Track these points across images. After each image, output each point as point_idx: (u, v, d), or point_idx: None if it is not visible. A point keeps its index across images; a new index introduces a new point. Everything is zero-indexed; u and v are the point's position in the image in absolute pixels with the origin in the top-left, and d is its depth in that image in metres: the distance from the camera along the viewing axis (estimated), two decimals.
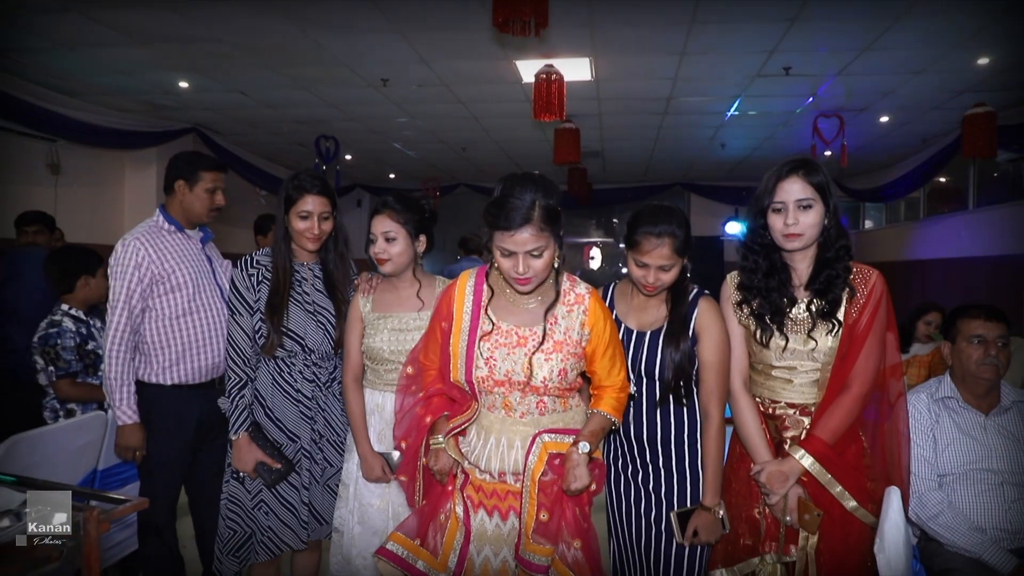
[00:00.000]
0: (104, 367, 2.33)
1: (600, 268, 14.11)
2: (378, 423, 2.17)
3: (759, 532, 1.89)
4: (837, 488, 1.77)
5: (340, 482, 2.25)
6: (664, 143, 8.60)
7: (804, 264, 1.90)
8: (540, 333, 1.76)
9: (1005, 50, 5.03)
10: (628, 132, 8.06)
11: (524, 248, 1.65)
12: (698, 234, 4.26)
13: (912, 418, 2.18)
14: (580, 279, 1.88)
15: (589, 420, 1.81)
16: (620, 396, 1.83)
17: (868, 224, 11.85)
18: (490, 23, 3.85)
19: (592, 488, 1.74)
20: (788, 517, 1.80)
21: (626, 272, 2.00)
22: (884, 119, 7.16)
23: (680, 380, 1.90)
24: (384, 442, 2.14)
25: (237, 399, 2.19)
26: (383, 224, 2.12)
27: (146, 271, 2.34)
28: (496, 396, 1.78)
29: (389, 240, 2.11)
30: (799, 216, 1.81)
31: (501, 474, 1.79)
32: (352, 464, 2.20)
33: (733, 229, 11.20)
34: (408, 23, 4.68)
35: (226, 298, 2.36)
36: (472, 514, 1.81)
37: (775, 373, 1.90)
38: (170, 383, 2.40)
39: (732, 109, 6.91)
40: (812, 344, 1.85)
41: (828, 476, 1.77)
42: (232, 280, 2.24)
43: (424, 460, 1.86)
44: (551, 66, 5.01)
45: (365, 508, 2.15)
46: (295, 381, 2.22)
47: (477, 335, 1.78)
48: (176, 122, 7.46)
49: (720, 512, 1.90)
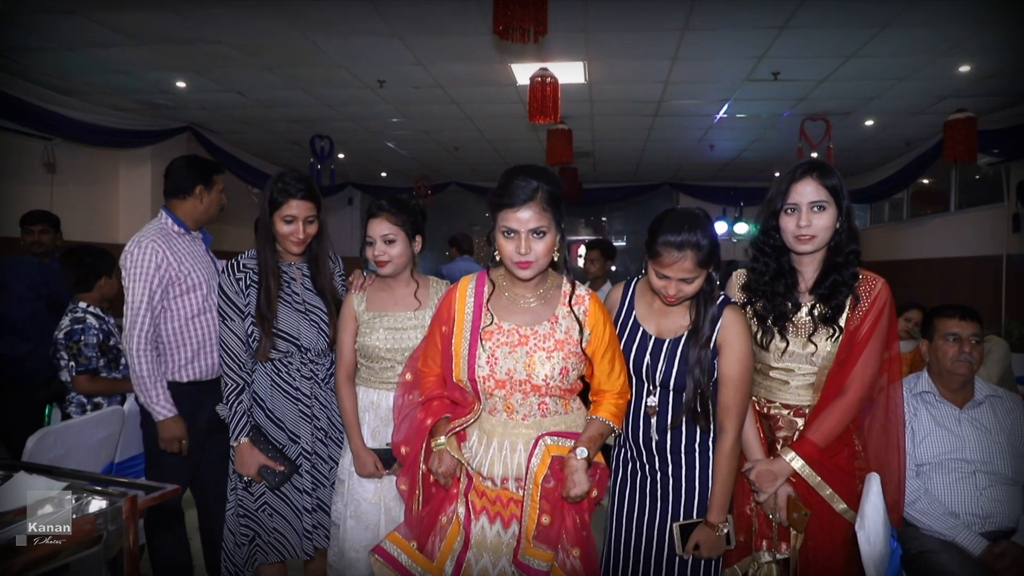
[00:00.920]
0: (134, 368, 2.36)
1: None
2: (372, 420, 2.19)
3: (751, 529, 1.93)
4: (827, 491, 1.81)
5: (336, 477, 2.26)
6: (654, 144, 8.73)
7: (811, 268, 1.91)
8: (541, 332, 1.76)
9: (986, 58, 5.19)
10: (619, 133, 8.18)
11: (527, 226, 1.66)
12: None
13: None
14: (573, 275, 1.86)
15: (588, 426, 1.80)
16: (619, 402, 1.82)
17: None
18: (487, 27, 3.95)
19: (593, 495, 1.74)
20: (777, 515, 1.84)
21: (644, 271, 1.92)
22: (869, 122, 7.32)
23: (699, 397, 1.81)
24: (378, 439, 2.17)
25: (235, 405, 2.19)
26: (381, 227, 2.14)
27: (164, 272, 2.39)
28: (497, 399, 1.78)
29: (388, 242, 2.14)
30: (812, 218, 1.80)
31: (504, 480, 1.78)
32: (347, 459, 2.21)
33: (722, 228, 11.39)
34: (406, 26, 4.77)
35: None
36: (473, 520, 1.79)
37: (772, 374, 1.93)
38: (186, 380, 2.46)
39: (721, 112, 7.05)
40: (812, 348, 1.86)
41: (818, 479, 1.81)
42: (220, 286, 2.23)
43: (424, 466, 1.83)
44: (546, 70, 5.11)
45: (359, 503, 2.17)
46: (293, 380, 2.23)
47: (479, 334, 1.78)
48: (172, 121, 7.49)
49: (725, 529, 1.83)
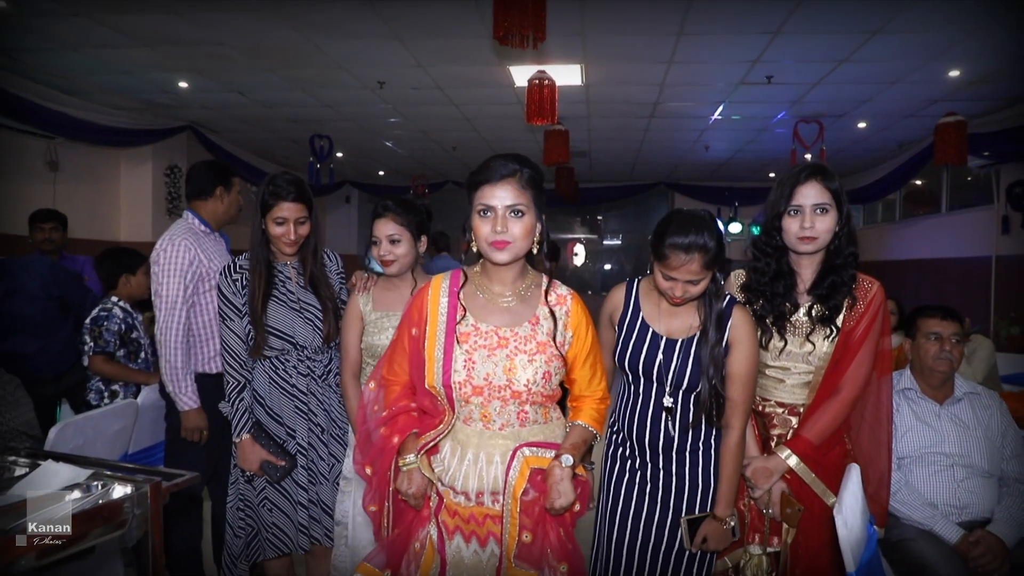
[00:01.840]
0: (168, 359, 2.46)
1: (584, 264, 14.38)
2: None
3: (743, 523, 1.96)
4: (821, 487, 1.87)
5: (342, 476, 2.28)
6: (650, 144, 8.83)
7: (810, 270, 1.95)
8: (522, 333, 1.66)
9: (975, 63, 5.31)
10: (615, 134, 8.28)
11: (504, 202, 1.58)
12: None
13: None
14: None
15: (569, 433, 1.70)
16: (600, 407, 1.75)
17: None
18: (485, 31, 4.03)
19: (576, 508, 1.65)
20: (770, 510, 1.89)
21: (649, 271, 1.92)
22: (862, 125, 7.43)
23: (715, 396, 1.81)
24: None
25: (237, 402, 2.22)
26: (387, 227, 2.17)
27: (196, 269, 2.50)
28: (473, 407, 1.65)
29: (394, 242, 2.18)
30: (815, 220, 1.84)
31: (479, 495, 1.65)
32: (352, 458, 2.20)
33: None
34: (407, 30, 4.86)
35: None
36: (447, 541, 1.67)
37: (769, 372, 1.97)
38: (214, 371, 2.53)
39: (716, 114, 7.15)
40: (809, 347, 1.90)
41: (812, 475, 1.87)
42: (219, 287, 2.27)
43: (393, 485, 1.73)
44: (543, 72, 5.19)
45: None
46: (290, 377, 2.25)
47: (455, 337, 1.66)
48: (172, 120, 7.57)
49: (732, 522, 1.85)
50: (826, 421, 1.87)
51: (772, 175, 10.53)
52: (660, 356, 1.85)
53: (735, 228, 11.40)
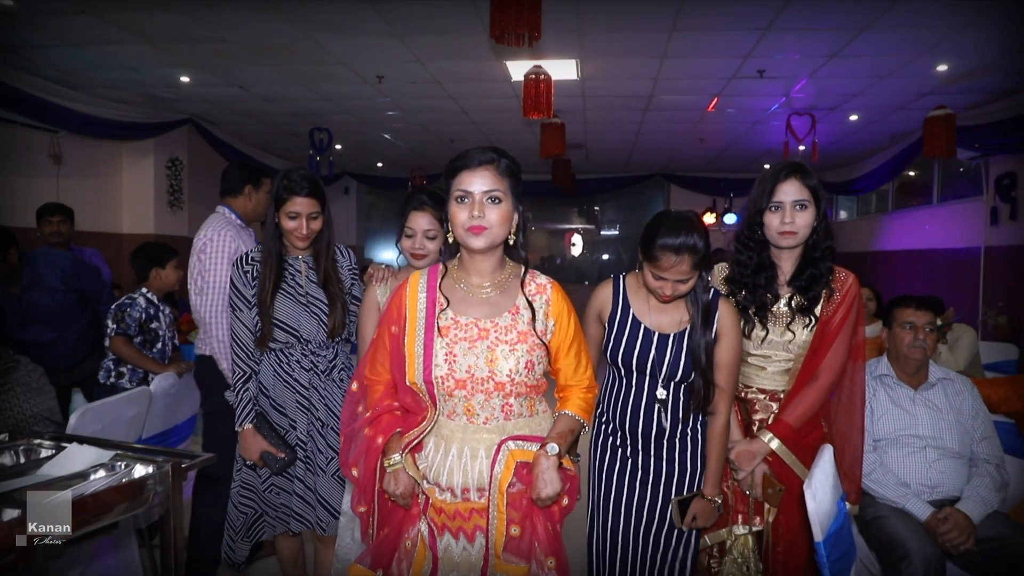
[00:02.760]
0: (218, 336, 2.65)
1: (582, 255, 14.51)
2: None
3: (727, 504, 2.05)
4: (800, 467, 1.96)
5: None
6: (645, 136, 8.93)
7: (790, 263, 2.05)
8: (502, 324, 1.65)
9: (961, 59, 5.42)
10: (611, 126, 8.38)
11: (482, 187, 1.59)
12: None
13: None
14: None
15: (556, 421, 1.70)
16: (587, 396, 1.74)
17: (843, 215, 12.32)
18: (482, 27, 4.12)
19: (564, 502, 1.64)
20: (753, 491, 1.99)
21: (637, 268, 1.99)
22: (853, 117, 7.54)
23: (707, 385, 1.90)
24: None
25: (242, 392, 2.26)
26: (424, 221, 2.19)
27: (238, 256, 2.63)
28: (456, 401, 1.64)
29: (430, 238, 2.20)
30: (795, 216, 1.94)
31: (464, 491, 1.65)
32: None
33: (709, 219, 11.65)
34: (406, 26, 4.96)
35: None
36: (438, 537, 1.67)
37: (751, 360, 2.07)
38: None
39: (709, 107, 7.25)
40: (789, 336, 2.01)
41: (792, 457, 1.97)
42: (231, 278, 2.32)
43: (379, 486, 1.71)
44: (540, 67, 5.30)
45: None
46: (293, 370, 2.29)
47: (434, 331, 1.65)
48: (173, 113, 7.66)
49: (718, 500, 1.95)
50: (805, 406, 1.98)
51: (767, 166, 10.57)
52: (653, 351, 1.92)
53: (730, 219, 11.53)
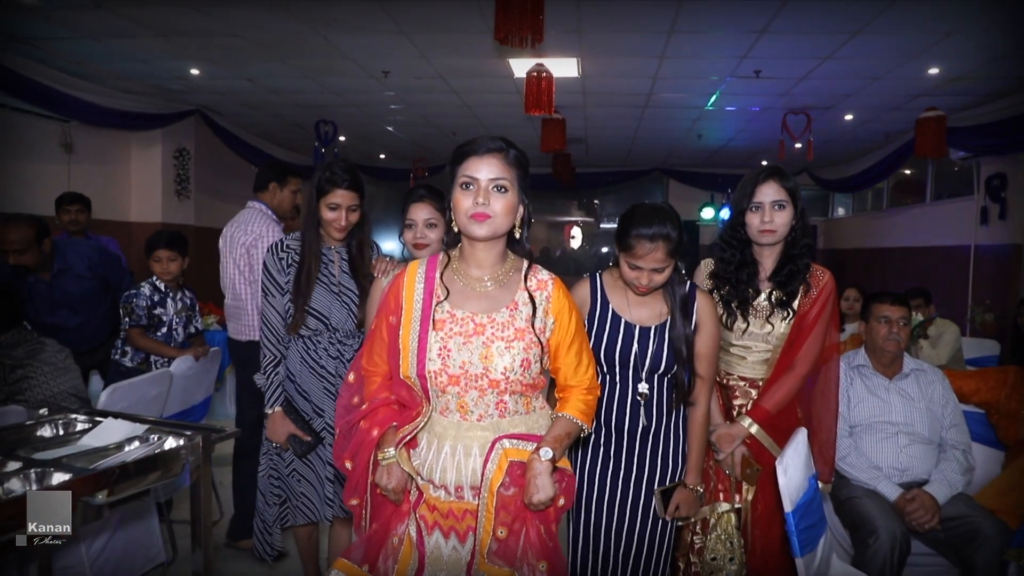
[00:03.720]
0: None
1: (581, 247, 14.66)
2: None
3: (709, 484, 2.18)
4: (777, 449, 2.07)
5: None
6: (644, 132, 9.08)
7: (770, 260, 2.18)
8: (499, 320, 1.61)
9: (952, 63, 5.58)
10: (611, 122, 8.53)
11: (489, 175, 1.55)
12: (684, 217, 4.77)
13: None
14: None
15: (554, 424, 1.65)
16: (588, 398, 1.69)
17: (840, 211, 12.50)
18: (486, 26, 4.26)
19: (560, 503, 1.60)
20: (733, 471, 2.12)
21: (612, 263, 2.05)
22: (848, 117, 7.70)
23: (688, 375, 1.95)
24: None
25: (271, 375, 2.33)
26: (424, 211, 2.21)
27: None
28: (450, 397, 1.60)
29: (430, 226, 2.21)
30: (774, 215, 2.08)
31: (458, 489, 1.61)
32: None
33: (708, 215, 11.82)
34: (413, 24, 5.11)
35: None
36: (426, 536, 1.63)
37: (732, 350, 2.20)
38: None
39: (708, 105, 7.41)
40: (768, 328, 2.14)
41: (770, 440, 2.10)
42: (264, 264, 2.37)
43: (371, 479, 1.68)
44: (541, 65, 5.43)
45: None
46: (320, 358, 2.34)
47: (429, 324, 1.61)
48: (181, 104, 7.80)
49: (700, 489, 2.03)
50: (783, 393, 2.12)
51: (764, 163, 10.79)
52: (635, 344, 1.96)
53: (727, 214, 11.69)
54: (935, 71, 5.80)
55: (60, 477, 1.77)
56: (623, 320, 1.99)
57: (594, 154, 10.98)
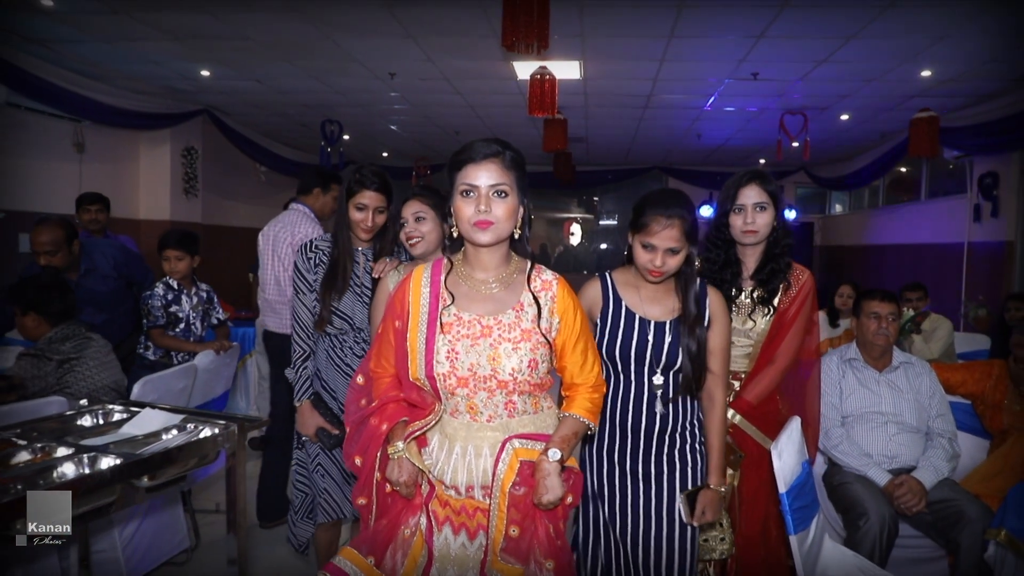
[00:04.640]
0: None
1: (580, 243, 14.81)
2: None
3: None
4: (760, 436, 2.21)
5: None
6: (645, 132, 9.22)
7: (753, 259, 2.30)
8: (506, 321, 1.63)
9: (944, 65, 5.73)
10: (612, 122, 8.67)
11: (488, 182, 1.57)
12: None
13: (826, 374, 2.88)
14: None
15: (561, 424, 1.67)
16: (594, 396, 1.71)
17: (837, 208, 12.65)
18: (491, 30, 4.36)
19: (568, 501, 1.61)
20: None
21: (626, 258, 2.04)
22: (844, 117, 7.84)
23: (700, 370, 1.94)
24: None
25: (301, 370, 2.41)
26: (411, 207, 2.25)
27: None
28: (459, 399, 1.63)
29: (419, 219, 2.24)
30: (756, 216, 2.20)
31: (469, 488, 1.64)
32: None
33: (707, 212, 11.96)
34: (420, 28, 5.24)
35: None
36: (436, 531, 1.65)
37: None
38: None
39: (706, 106, 7.55)
40: (751, 324, 2.25)
41: (753, 428, 2.22)
42: (295, 264, 2.45)
43: (379, 475, 1.69)
44: (544, 68, 5.57)
45: None
46: (345, 356, 2.41)
47: (436, 327, 1.63)
48: (190, 104, 7.92)
49: (724, 489, 1.98)
50: (763, 385, 2.23)
51: (762, 161, 10.96)
52: (651, 339, 1.95)
53: (709, 212, 11.85)
54: (928, 73, 5.94)
55: (108, 462, 1.91)
56: (637, 316, 1.98)
57: (594, 153, 11.11)
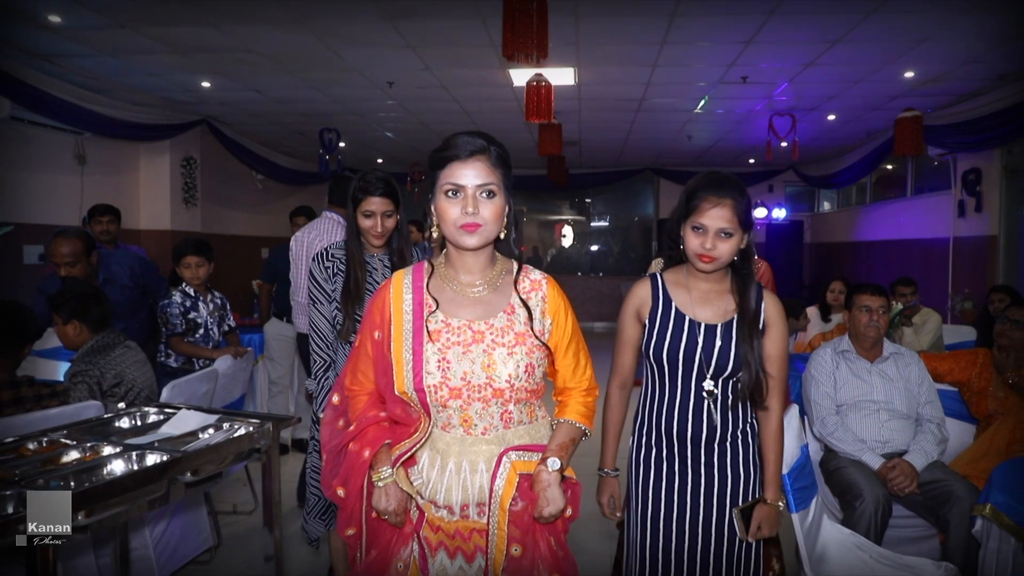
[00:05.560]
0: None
1: (572, 245, 14.96)
2: None
3: None
4: None
5: None
6: (637, 134, 9.39)
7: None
8: (498, 325, 1.53)
9: (926, 67, 5.93)
10: (605, 125, 8.83)
11: (475, 181, 1.45)
12: (667, 216, 5.06)
13: (820, 365, 3.05)
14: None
15: (556, 431, 1.57)
16: (587, 400, 1.62)
17: (826, 206, 12.87)
18: (489, 40, 4.47)
19: (568, 513, 1.51)
20: None
21: (674, 257, 1.94)
22: (831, 117, 8.03)
23: (761, 376, 1.79)
24: None
25: (323, 380, 2.44)
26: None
27: None
28: (452, 411, 1.51)
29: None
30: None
31: (464, 507, 1.52)
32: None
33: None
34: (420, 39, 5.39)
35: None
36: (430, 558, 1.54)
37: None
38: None
39: (697, 108, 7.73)
40: None
41: None
42: (311, 272, 2.45)
43: (366, 505, 1.56)
44: (540, 75, 5.72)
45: None
46: None
47: (423, 336, 1.51)
48: (189, 115, 8.03)
49: (781, 504, 1.86)
50: None
51: (752, 160, 11.16)
52: (700, 342, 1.81)
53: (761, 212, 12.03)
54: (911, 74, 6.14)
55: (155, 458, 2.03)
56: (687, 317, 1.85)
57: (587, 155, 11.28)
